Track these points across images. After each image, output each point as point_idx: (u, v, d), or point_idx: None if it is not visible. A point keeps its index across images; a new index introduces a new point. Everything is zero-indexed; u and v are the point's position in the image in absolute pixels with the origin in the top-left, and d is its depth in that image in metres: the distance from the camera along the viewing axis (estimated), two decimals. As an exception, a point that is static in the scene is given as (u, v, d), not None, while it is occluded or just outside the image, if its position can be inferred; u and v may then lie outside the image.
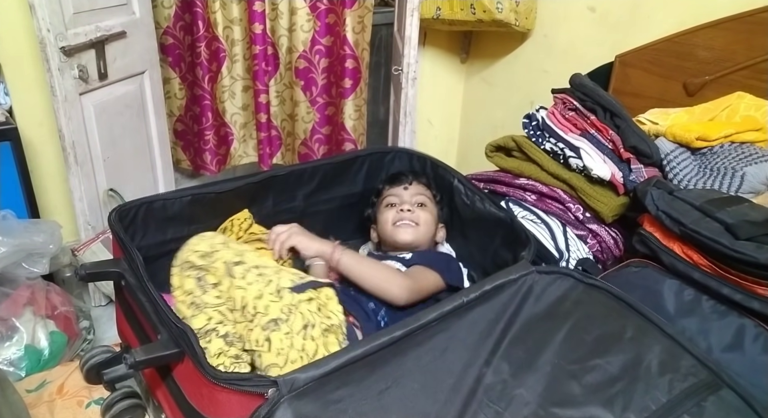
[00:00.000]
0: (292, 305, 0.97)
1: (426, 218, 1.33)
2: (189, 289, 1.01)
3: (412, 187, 1.38)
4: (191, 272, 1.01)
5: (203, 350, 0.84)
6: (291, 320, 0.95)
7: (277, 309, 0.96)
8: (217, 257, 1.00)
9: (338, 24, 2.19)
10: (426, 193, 1.38)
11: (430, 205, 1.37)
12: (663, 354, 0.91)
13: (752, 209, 1.13)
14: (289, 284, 0.99)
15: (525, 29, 2.15)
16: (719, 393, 0.86)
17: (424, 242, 1.34)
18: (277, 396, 0.77)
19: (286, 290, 0.98)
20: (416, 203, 1.35)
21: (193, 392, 0.87)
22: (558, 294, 1.01)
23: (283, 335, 0.94)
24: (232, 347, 0.98)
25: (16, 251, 1.46)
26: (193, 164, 2.39)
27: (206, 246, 1.02)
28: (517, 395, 0.83)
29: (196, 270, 1.01)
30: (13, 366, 1.42)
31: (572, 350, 0.91)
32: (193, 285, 1.01)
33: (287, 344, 0.94)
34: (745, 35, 1.52)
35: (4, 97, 1.74)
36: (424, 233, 1.33)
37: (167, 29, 2.13)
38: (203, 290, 1.00)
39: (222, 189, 1.29)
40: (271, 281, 0.99)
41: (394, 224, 1.33)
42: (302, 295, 0.98)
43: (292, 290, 0.98)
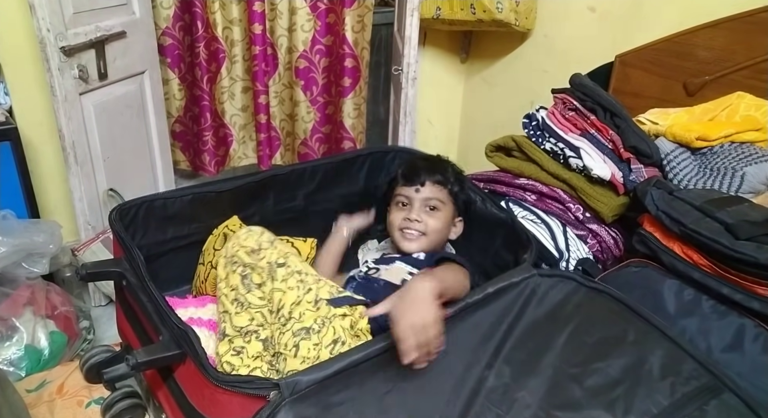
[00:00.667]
0: (327, 317, 0.98)
1: (435, 226, 1.27)
2: (234, 284, 1.01)
3: (425, 189, 1.28)
4: (238, 268, 1.02)
5: (206, 355, 0.84)
6: (323, 333, 0.97)
7: (311, 319, 0.97)
8: (263, 255, 1.02)
9: (338, 23, 2.19)
10: (440, 195, 1.29)
11: (445, 206, 1.29)
12: (665, 358, 0.91)
13: (752, 208, 1.13)
14: (327, 295, 1.00)
15: (525, 29, 2.15)
16: (721, 397, 0.87)
17: (433, 247, 1.29)
18: (279, 399, 0.77)
19: (323, 302, 0.99)
20: (427, 207, 1.28)
21: (194, 393, 0.87)
22: (560, 297, 1.01)
23: (311, 345, 0.96)
24: (267, 353, 0.99)
25: (16, 251, 1.46)
26: (192, 165, 2.38)
27: (254, 242, 1.03)
28: (519, 398, 0.83)
29: (242, 267, 1.02)
30: (13, 366, 1.42)
31: (574, 353, 0.91)
32: (239, 282, 1.01)
33: (314, 355, 0.95)
34: (745, 35, 1.52)
35: (4, 97, 1.74)
36: (432, 240, 1.28)
37: (166, 30, 2.13)
38: (248, 289, 1.01)
39: (223, 188, 1.30)
40: (310, 289, 1.00)
41: (400, 229, 1.28)
42: (338, 309, 0.99)
43: (329, 303, 0.99)
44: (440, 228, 1.28)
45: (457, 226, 1.34)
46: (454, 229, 1.34)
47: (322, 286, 1.02)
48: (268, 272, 1.01)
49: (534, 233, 1.30)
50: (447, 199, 1.30)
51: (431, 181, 1.29)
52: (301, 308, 0.98)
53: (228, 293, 1.02)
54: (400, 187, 1.31)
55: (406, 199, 1.29)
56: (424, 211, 1.27)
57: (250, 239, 1.04)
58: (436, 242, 1.29)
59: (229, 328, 1.00)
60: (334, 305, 0.99)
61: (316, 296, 1.00)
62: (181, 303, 1.21)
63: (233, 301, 1.01)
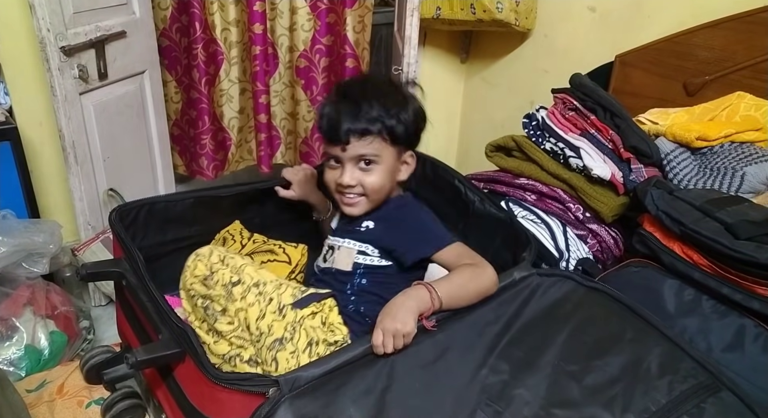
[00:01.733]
0: (296, 322, 0.95)
1: (373, 184, 1.08)
2: (201, 317, 1.00)
3: (352, 145, 1.05)
4: (198, 300, 0.99)
5: (205, 353, 0.84)
6: (296, 339, 0.95)
7: (281, 328, 0.95)
8: (216, 279, 0.97)
9: (338, 23, 2.19)
10: (372, 147, 1.06)
11: (382, 157, 1.07)
12: (663, 356, 0.91)
13: (752, 208, 1.13)
14: (291, 299, 0.97)
15: (525, 29, 2.15)
16: (719, 395, 0.87)
17: (381, 199, 1.13)
18: (278, 395, 0.77)
19: (288, 307, 0.96)
20: (361, 162, 1.07)
21: (194, 391, 0.87)
22: (558, 296, 1.01)
23: (288, 355, 0.94)
24: (257, 368, 0.98)
25: (16, 251, 1.46)
26: (189, 169, 2.36)
27: (204, 268, 0.99)
28: (517, 395, 0.83)
29: (201, 299, 0.99)
30: (13, 366, 1.42)
31: (572, 351, 0.91)
32: (203, 314, 0.99)
33: (294, 363, 0.93)
34: (745, 35, 1.52)
35: (4, 97, 1.74)
36: (375, 199, 1.11)
37: (164, 31, 2.12)
38: (214, 319, 0.98)
39: (225, 193, 1.30)
40: (272, 299, 0.97)
41: (338, 193, 1.12)
42: (305, 310, 0.97)
43: (294, 307, 0.96)
44: (380, 183, 1.09)
45: (408, 162, 1.14)
46: (403, 168, 1.14)
47: (284, 290, 0.98)
48: (226, 295, 0.97)
49: (534, 232, 1.30)
50: (382, 146, 1.07)
51: (356, 134, 1.04)
52: (267, 321, 0.96)
53: (200, 326, 1.00)
54: (326, 144, 1.11)
55: (335, 158, 1.10)
56: (358, 169, 1.08)
57: (200, 266, 0.99)
58: (380, 198, 1.13)
59: (213, 357, 0.98)
60: (300, 307, 0.97)
61: (279, 304, 0.96)
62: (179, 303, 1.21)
63: (207, 331, 0.99)
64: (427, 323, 0.91)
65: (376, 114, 1.04)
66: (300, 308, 0.97)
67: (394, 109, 1.05)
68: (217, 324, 0.97)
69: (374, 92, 1.06)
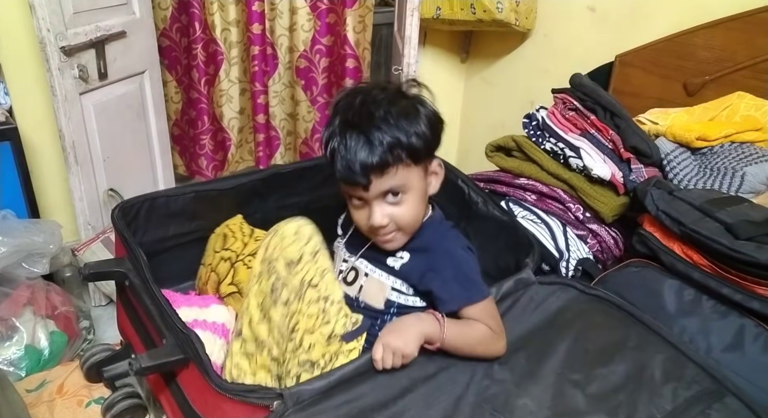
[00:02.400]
0: (335, 354, 0.95)
1: (407, 214, 0.95)
2: (264, 289, 0.94)
3: (374, 185, 0.91)
4: (272, 275, 0.93)
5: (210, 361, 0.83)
6: (328, 368, 0.93)
7: (319, 353, 0.94)
8: (298, 270, 0.93)
9: (339, 23, 2.19)
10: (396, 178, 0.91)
11: (409, 182, 0.93)
12: (666, 363, 0.91)
13: (752, 208, 1.13)
14: (342, 330, 0.95)
15: (525, 29, 2.15)
16: (724, 400, 0.86)
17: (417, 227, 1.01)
18: (282, 409, 0.77)
19: (337, 338, 0.95)
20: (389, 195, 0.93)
21: (197, 398, 0.86)
22: (560, 305, 1.01)
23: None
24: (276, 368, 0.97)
25: (16, 251, 1.46)
26: (189, 169, 2.36)
27: (296, 252, 0.93)
28: (521, 404, 0.83)
29: (275, 278, 0.93)
30: (13, 366, 1.42)
31: (575, 360, 0.91)
32: (268, 290, 0.94)
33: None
34: (745, 35, 1.52)
35: (4, 97, 1.74)
36: (412, 227, 0.99)
37: (164, 31, 2.12)
38: (274, 304, 0.93)
39: (225, 186, 1.30)
40: (328, 322, 0.94)
41: (371, 232, 0.99)
42: (349, 344, 0.96)
43: (342, 339, 0.95)
44: (415, 213, 0.97)
45: (437, 172, 1.00)
46: (433, 181, 1.00)
47: (341, 318, 0.95)
48: (298, 291, 0.93)
49: (534, 232, 1.30)
50: (406, 171, 0.92)
51: (376, 170, 0.89)
52: (313, 339, 0.93)
53: (257, 295, 0.95)
54: (343, 184, 0.96)
55: (359, 199, 0.96)
56: (387, 204, 0.94)
57: (293, 246, 0.93)
58: (415, 225, 1.00)
59: (247, 330, 0.95)
60: (346, 341, 0.96)
61: (332, 330, 0.94)
62: (186, 301, 1.20)
63: (258, 305, 0.94)
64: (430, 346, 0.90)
65: (390, 140, 0.88)
66: (346, 342, 0.96)
67: (407, 126, 0.90)
68: (273, 311, 0.93)
69: (379, 112, 0.90)
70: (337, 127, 0.92)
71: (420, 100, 0.95)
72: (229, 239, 1.29)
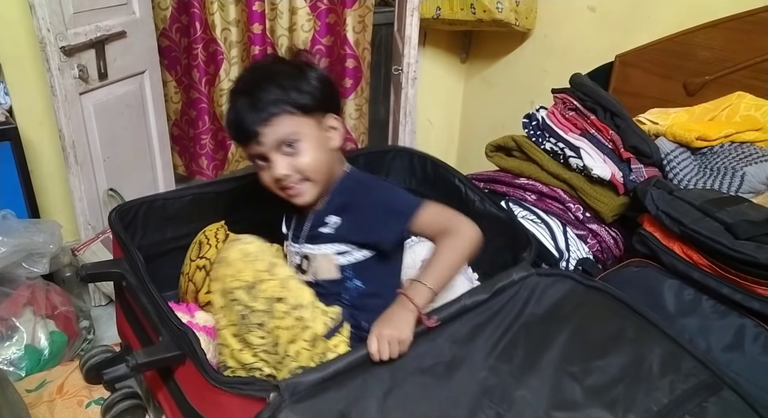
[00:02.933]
0: (323, 353, 0.95)
1: (308, 163, 0.98)
2: (234, 320, 0.95)
3: (264, 137, 0.96)
4: (236, 305, 0.93)
5: (206, 356, 0.84)
6: None
7: (307, 357, 0.94)
8: (260, 291, 0.93)
9: (339, 23, 2.19)
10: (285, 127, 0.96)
11: (302, 131, 0.97)
12: (664, 355, 0.91)
13: (752, 208, 1.13)
14: (323, 330, 0.95)
15: (525, 29, 2.15)
16: (720, 394, 0.87)
17: (327, 179, 1.03)
18: (279, 401, 0.77)
19: (320, 339, 0.95)
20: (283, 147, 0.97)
21: (194, 394, 0.87)
22: (558, 296, 1.01)
23: None
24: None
25: (16, 251, 1.46)
26: (188, 169, 2.36)
27: (250, 276, 0.93)
28: (519, 396, 0.83)
29: (241, 306, 0.93)
30: (13, 366, 1.42)
31: (573, 352, 0.91)
32: (237, 319, 0.94)
33: None
34: (745, 35, 1.52)
35: (4, 97, 1.74)
36: (321, 179, 1.01)
37: (163, 31, 2.12)
38: (248, 329, 0.94)
39: (222, 188, 1.30)
40: (307, 327, 0.94)
41: (281, 189, 1.02)
42: (332, 340, 0.97)
43: (325, 338, 0.96)
44: (314, 159, 0.99)
45: (335, 127, 1.02)
46: (332, 134, 1.02)
47: (319, 317, 0.95)
48: (268, 310, 0.93)
49: (534, 232, 1.30)
50: (294, 121, 0.97)
51: (262, 123, 0.95)
52: (297, 347, 0.94)
53: (228, 327, 0.96)
54: (243, 147, 1.02)
55: (258, 156, 1.00)
56: (284, 155, 0.98)
57: (246, 271, 0.93)
58: (324, 178, 1.02)
59: (231, 361, 0.97)
60: (329, 338, 0.96)
61: (314, 334, 0.94)
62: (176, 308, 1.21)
63: (234, 336, 0.95)
64: (428, 321, 0.89)
65: (273, 96, 0.96)
66: (329, 338, 0.96)
67: (290, 84, 0.97)
68: (250, 336, 0.94)
69: (266, 77, 0.99)
70: (230, 97, 1.02)
71: (307, 64, 1.03)
72: (204, 247, 1.27)
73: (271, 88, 0.97)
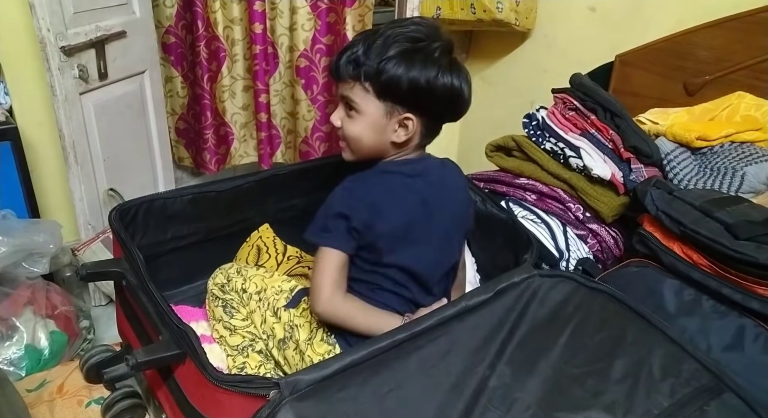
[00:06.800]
0: (291, 322, 1.05)
1: (351, 127, 1.00)
2: (219, 316, 1.13)
3: (339, 86, 1.01)
4: (218, 302, 1.14)
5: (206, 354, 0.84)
6: (295, 336, 1.04)
7: (281, 329, 1.06)
8: (231, 286, 1.13)
9: (339, 23, 2.19)
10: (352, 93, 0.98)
11: (362, 107, 0.98)
12: (665, 358, 0.91)
13: (752, 208, 1.13)
14: (284, 302, 1.07)
15: (525, 29, 2.14)
16: (722, 397, 0.86)
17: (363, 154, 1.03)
18: (279, 398, 0.76)
19: (282, 310, 1.06)
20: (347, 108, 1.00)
21: (194, 393, 0.87)
22: (560, 298, 1.01)
23: (293, 352, 1.04)
24: (269, 360, 1.09)
25: (17, 251, 1.46)
26: (195, 162, 2.40)
27: (223, 277, 1.16)
28: (519, 398, 0.83)
29: (220, 300, 1.14)
30: (13, 366, 1.42)
31: (574, 353, 0.91)
32: (222, 313, 1.13)
33: (299, 359, 1.03)
34: (745, 35, 1.52)
35: (4, 97, 1.74)
36: (354, 144, 1.02)
37: (169, 28, 2.14)
38: (230, 316, 1.12)
39: (223, 188, 1.30)
40: (269, 303, 1.08)
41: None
42: (296, 309, 1.06)
43: (287, 307, 1.06)
44: (357, 134, 0.99)
45: (407, 126, 0.99)
46: (400, 131, 1.00)
47: (280, 296, 1.08)
48: (238, 299, 1.12)
49: (534, 232, 1.30)
50: (363, 95, 0.97)
51: (336, 75, 1.00)
52: (269, 324, 1.07)
53: (218, 323, 1.14)
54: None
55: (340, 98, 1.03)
56: (344, 111, 1.01)
57: (219, 276, 1.17)
58: (361, 152, 1.03)
59: (228, 348, 1.12)
60: (292, 307, 1.06)
61: (274, 308, 1.07)
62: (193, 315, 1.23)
63: (224, 328, 1.13)
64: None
65: (361, 57, 0.95)
66: (292, 307, 1.06)
67: (384, 63, 0.93)
68: (232, 320, 1.12)
69: (381, 40, 0.95)
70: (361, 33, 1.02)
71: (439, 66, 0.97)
72: (263, 255, 1.30)
73: (372, 56, 0.94)
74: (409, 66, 0.93)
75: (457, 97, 1.00)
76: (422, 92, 0.96)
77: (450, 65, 0.98)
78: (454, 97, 0.99)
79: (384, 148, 1.02)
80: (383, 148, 1.02)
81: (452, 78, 0.97)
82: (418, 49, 0.95)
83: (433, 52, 0.96)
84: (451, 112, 1.04)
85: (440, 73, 0.96)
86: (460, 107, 1.03)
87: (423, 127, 1.01)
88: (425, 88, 0.95)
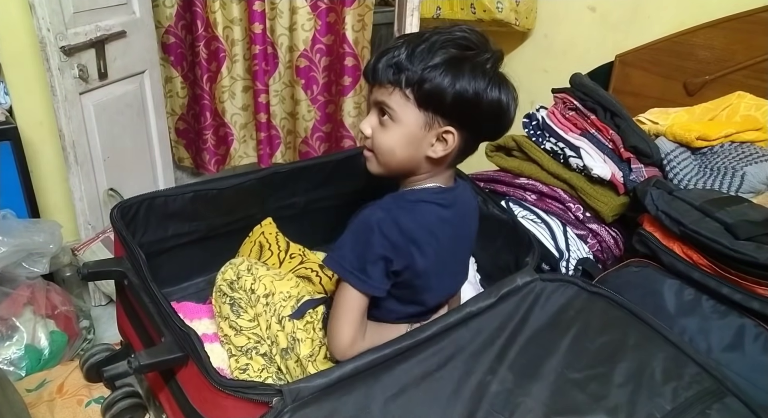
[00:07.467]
0: (293, 334, 1.03)
1: (382, 136, 0.90)
2: (226, 314, 1.11)
3: (374, 90, 0.91)
4: (225, 298, 1.11)
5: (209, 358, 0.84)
6: (296, 348, 1.02)
7: (284, 339, 1.04)
8: (240, 284, 1.09)
9: (338, 22, 2.19)
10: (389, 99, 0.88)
11: (399, 116, 0.88)
12: (667, 362, 0.91)
13: (752, 208, 1.13)
14: (290, 311, 1.04)
15: (525, 29, 2.15)
16: (724, 400, 0.86)
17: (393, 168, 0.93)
18: (281, 406, 0.76)
19: (286, 319, 1.04)
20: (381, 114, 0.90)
21: (196, 396, 0.86)
22: (561, 302, 1.00)
23: (294, 364, 1.03)
24: (272, 364, 1.07)
25: (17, 251, 1.46)
26: (195, 163, 2.40)
27: (233, 273, 1.11)
28: (522, 403, 0.82)
29: (228, 298, 1.11)
30: (13, 366, 1.42)
31: (576, 358, 0.90)
32: (229, 310, 1.10)
33: (299, 372, 1.02)
34: (745, 35, 1.52)
35: (4, 96, 1.74)
36: (383, 157, 0.92)
37: (169, 28, 2.14)
38: (237, 315, 1.09)
39: (224, 186, 1.30)
40: (275, 310, 1.06)
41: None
42: (300, 321, 1.03)
43: (291, 318, 1.04)
44: (390, 145, 0.90)
45: (446, 140, 0.89)
46: (437, 145, 0.90)
47: (288, 302, 1.06)
48: (246, 299, 1.09)
49: (534, 232, 1.30)
50: (403, 103, 0.87)
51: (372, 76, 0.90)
52: (273, 331, 1.05)
53: (223, 321, 1.12)
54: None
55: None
56: (377, 119, 0.91)
57: (229, 271, 1.12)
58: (390, 165, 0.92)
59: (232, 348, 1.10)
60: (296, 318, 1.03)
61: (279, 316, 1.05)
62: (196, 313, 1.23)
63: (229, 327, 1.10)
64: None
65: (403, 62, 0.86)
66: (296, 318, 1.03)
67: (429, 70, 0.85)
68: (239, 320, 1.09)
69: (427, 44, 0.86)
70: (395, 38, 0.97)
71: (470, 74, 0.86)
72: (266, 252, 1.30)
73: (412, 55, 0.86)
74: (457, 75, 0.85)
75: (504, 114, 0.91)
76: (468, 105, 0.87)
77: (500, 79, 0.90)
78: (501, 114, 0.91)
79: (416, 163, 0.92)
80: (416, 164, 0.92)
81: (500, 93, 0.89)
82: (467, 57, 0.87)
83: (483, 63, 0.88)
84: (493, 130, 0.95)
85: (490, 87, 0.87)
86: (503, 125, 0.93)
87: (462, 142, 0.90)
88: (472, 100, 0.86)
